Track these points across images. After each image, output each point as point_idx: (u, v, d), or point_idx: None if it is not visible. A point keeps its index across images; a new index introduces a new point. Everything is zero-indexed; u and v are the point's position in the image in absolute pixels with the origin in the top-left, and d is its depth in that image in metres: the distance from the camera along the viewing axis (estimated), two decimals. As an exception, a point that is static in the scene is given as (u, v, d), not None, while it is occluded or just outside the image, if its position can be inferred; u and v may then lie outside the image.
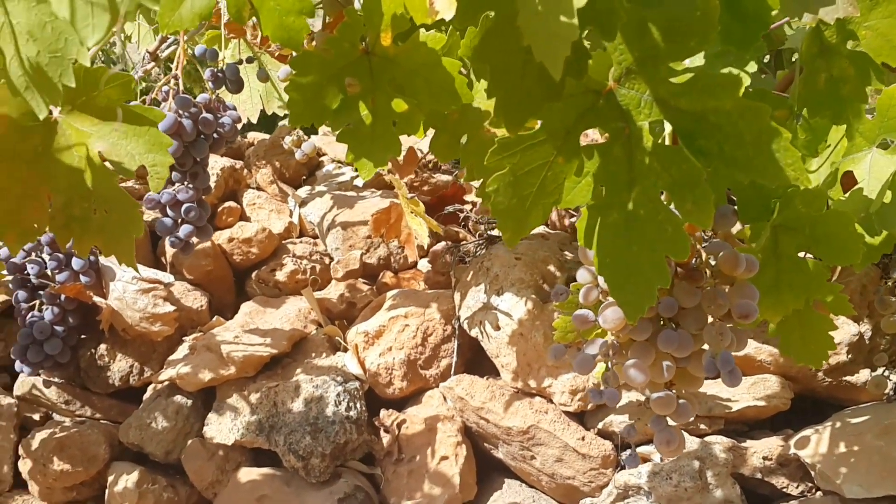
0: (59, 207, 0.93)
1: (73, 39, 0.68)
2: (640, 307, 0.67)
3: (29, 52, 0.70)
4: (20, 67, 0.72)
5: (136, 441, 1.34)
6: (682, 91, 0.63)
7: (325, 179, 1.86)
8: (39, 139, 0.91)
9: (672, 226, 0.65)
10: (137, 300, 1.37)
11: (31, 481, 1.34)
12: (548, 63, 0.53)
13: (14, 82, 0.74)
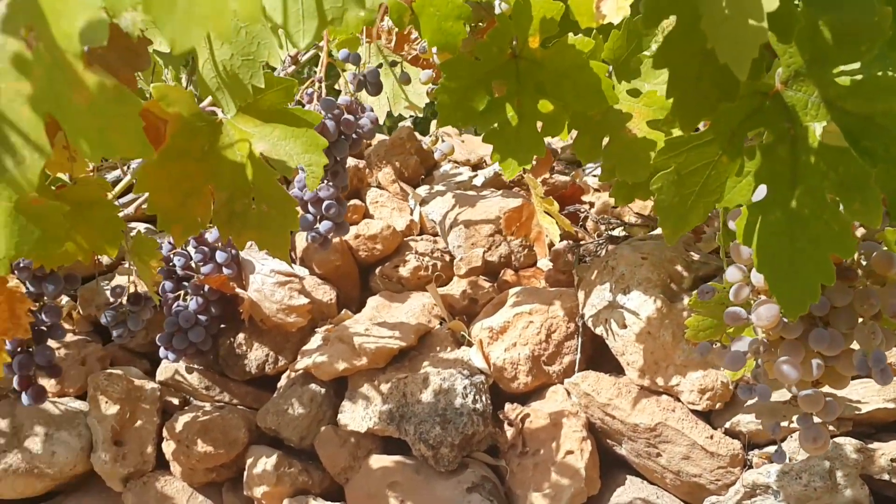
0: (223, 203, 1.00)
1: (265, 43, 0.73)
2: (802, 304, 0.69)
3: (223, 55, 0.76)
4: (213, 69, 0.78)
5: (273, 426, 1.41)
6: (850, 93, 0.65)
7: (443, 179, 1.91)
8: (206, 138, 0.97)
9: (838, 224, 0.66)
10: (275, 292, 1.44)
11: (174, 462, 1.43)
12: (734, 65, 0.55)
13: (207, 83, 0.80)
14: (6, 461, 1.39)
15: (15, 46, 0.52)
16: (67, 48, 0.51)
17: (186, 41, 0.36)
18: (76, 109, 0.52)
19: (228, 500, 1.44)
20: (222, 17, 0.34)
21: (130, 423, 1.44)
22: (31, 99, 0.53)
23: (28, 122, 0.53)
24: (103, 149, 0.52)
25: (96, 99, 0.51)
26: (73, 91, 0.52)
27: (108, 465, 1.40)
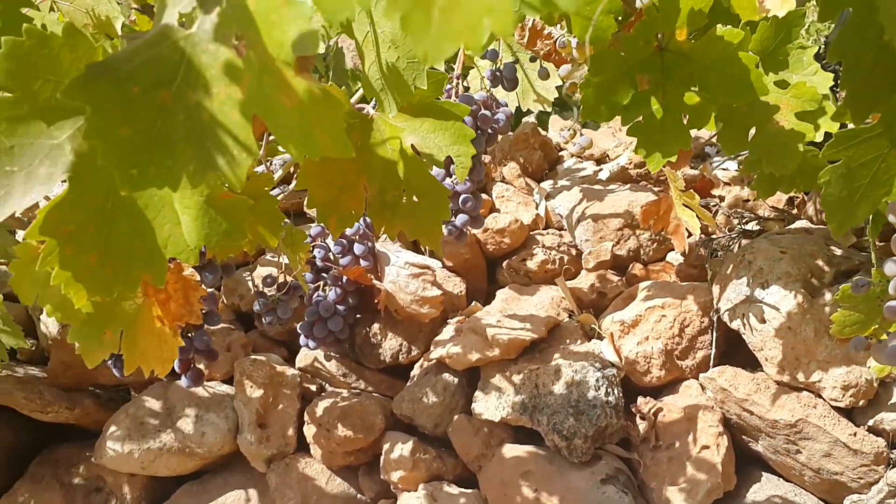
0: (375, 195, 1.04)
1: (432, 47, 0.76)
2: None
3: (389, 57, 0.79)
4: (378, 71, 0.82)
5: (408, 413, 1.45)
6: None
7: (567, 174, 1.92)
8: (358, 134, 1.02)
9: None
10: (409, 284, 1.48)
11: (314, 445, 1.49)
12: (916, 58, 0.55)
13: (371, 84, 0.84)
14: (161, 440, 1.49)
15: (226, 54, 0.57)
16: (278, 55, 0.55)
17: (439, 56, 0.39)
18: (284, 112, 0.56)
19: (364, 483, 1.50)
20: (476, 33, 0.37)
21: (273, 407, 1.51)
22: (241, 103, 0.57)
23: (237, 125, 0.58)
24: (308, 149, 0.56)
25: (304, 102, 0.55)
26: (282, 95, 0.56)
27: (254, 447, 1.48)
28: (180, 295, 0.95)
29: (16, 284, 0.83)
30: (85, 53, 0.69)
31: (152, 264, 0.75)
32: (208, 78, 0.57)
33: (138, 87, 0.57)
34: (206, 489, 1.57)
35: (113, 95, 0.57)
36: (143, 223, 0.74)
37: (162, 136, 0.59)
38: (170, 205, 0.74)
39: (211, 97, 0.58)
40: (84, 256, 0.73)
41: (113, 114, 0.57)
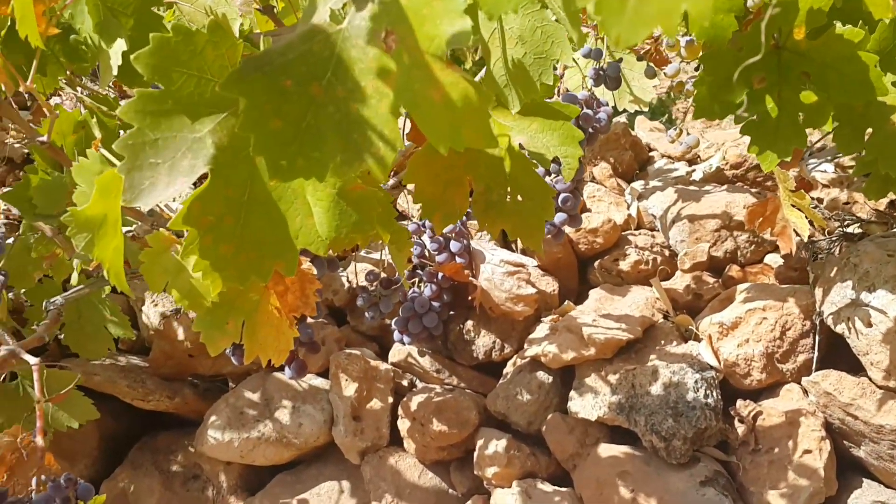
0: (480, 192, 1.05)
1: (559, 42, 0.77)
2: None
3: (516, 53, 0.80)
4: (504, 67, 0.83)
5: (502, 410, 1.46)
6: None
7: (658, 174, 1.90)
8: (468, 132, 1.02)
9: None
10: (504, 281, 1.49)
11: (408, 439, 1.51)
12: None
13: (496, 80, 0.85)
14: (259, 430, 1.52)
15: (376, 49, 0.58)
16: (428, 49, 0.56)
17: (633, 39, 0.39)
18: (432, 106, 0.58)
19: (456, 478, 1.51)
20: (671, 16, 0.38)
21: (367, 401, 1.54)
22: (389, 97, 0.59)
23: (384, 118, 0.59)
24: (455, 142, 0.58)
25: (452, 96, 0.57)
26: (431, 89, 0.57)
27: (348, 439, 1.50)
28: (297, 287, 0.98)
29: (146, 272, 0.86)
30: (227, 50, 0.72)
31: (284, 254, 0.78)
32: (357, 72, 0.59)
33: (291, 80, 0.59)
34: (300, 479, 1.60)
35: (267, 89, 0.59)
36: (276, 215, 0.77)
37: (311, 128, 0.61)
38: (302, 197, 0.76)
39: (359, 91, 0.59)
40: (221, 246, 0.75)
41: (266, 107, 0.60)
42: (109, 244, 0.84)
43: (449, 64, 0.56)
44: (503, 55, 0.82)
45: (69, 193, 1.21)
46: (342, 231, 0.77)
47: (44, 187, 1.18)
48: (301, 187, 0.76)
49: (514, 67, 0.83)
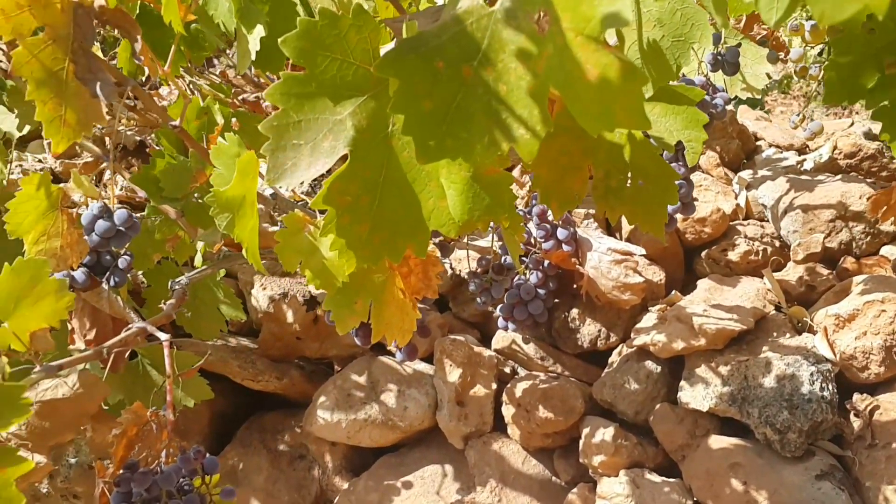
0: (600, 178, 1.04)
1: (699, 24, 0.77)
2: None
3: (654, 35, 0.80)
4: (639, 50, 0.83)
5: (608, 399, 1.46)
6: None
7: (767, 164, 1.86)
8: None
9: None
10: (611, 270, 1.48)
11: (512, 425, 1.52)
12: None
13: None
14: (366, 412, 1.55)
15: (527, 30, 0.59)
16: (583, 30, 0.57)
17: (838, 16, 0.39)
18: (584, 87, 0.58)
19: (560, 466, 1.51)
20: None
21: (470, 386, 1.55)
22: (538, 78, 0.59)
23: (532, 100, 0.60)
24: (607, 123, 0.58)
25: (605, 76, 0.57)
26: (584, 70, 0.58)
27: (453, 423, 1.52)
28: (420, 270, 0.99)
29: (281, 252, 0.89)
30: (370, 34, 0.73)
31: (417, 235, 0.79)
32: (507, 54, 0.60)
33: (443, 62, 0.60)
34: (403, 462, 1.62)
35: (420, 70, 0.61)
36: (410, 196, 0.78)
37: (461, 109, 0.62)
38: (436, 179, 0.77)
39: (508, 72, 0.60)
40: (357, 226, 0.77)
41: (419, 88, 0.61)
42: (247, 224, 0.87)
43: (604, 45, 0.56)
44: (639, 38, 0.82)
45: (193, 178, 1.25)
46: (475, 214, 0.78)
47: (170, 171, 1.22)
48: (435, 170, 0.78)
49: (649, 51, 0.82)
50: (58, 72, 0.90)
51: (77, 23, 0.90)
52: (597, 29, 0.56)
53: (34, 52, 0.89)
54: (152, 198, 1.20)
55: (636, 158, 1.01)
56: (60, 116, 0.91)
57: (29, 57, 0.89)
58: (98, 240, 1.08)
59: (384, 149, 0.76)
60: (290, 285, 1.76)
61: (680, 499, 1.34)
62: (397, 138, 0.76)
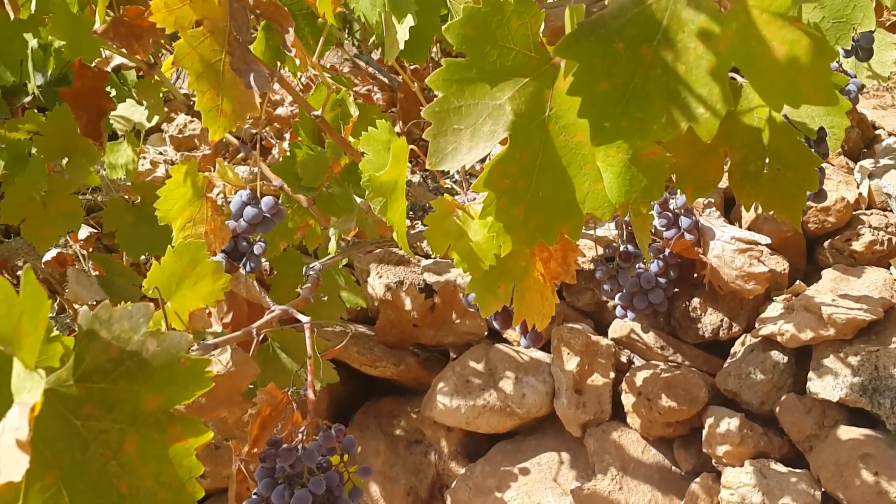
0: (737, 164, 1.03)
1: (862, 6, 0.76)
2: None
3: (812, 17, 0.79)
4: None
5: (733, 389, 1.44)
6: None
7: (887, 153, 1.81)
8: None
9: None
10: (735, 259, 1.46)
11: (632, 414, 1.51)
12: None
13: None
14: (484, 398, 1.57)
15: (708, 9, 0.59)
16: (770, 7, 0.57)
17: None
18: (769, 64, 0.58)
19: (680, 455, 1.50)
20: None
21: (588, 375, 1.56)
22: (719, 57, 0.60)
23: (711, 79, 0.60)
24: (791, 99, 0.58)
25: (793, 53, 0.57)
26: (769, 47, 0.58)
27: (571, 411, 1.53)
28: (560, 255, 1.00)
29: (430, 236, 0.91)
30: (531, 20, 0.75)
31: (571, 218, 0.81)
32: (687, 34, 0.60)
33: (623, 43, 0.61)
34: (519, 449, 1.64)
35: (599, 51, 0.62)
36: (565, 180, 0.79)
37: (637, 90, 0.62)
38: (591, 162, 0.78)
39: (688, 52, 0.61)
40: (514, 209, 0.79)
41: (597, 69, 0.62)
42: (398, 208, 0.90)
43: (793, 20, 0.56)
44: (797, 19, 0.81)
45: (329, 167, 1.29)
46: (631, 196, 0.79)
47: (308, 161, 1.26)
48: (592, 153, 0.78)
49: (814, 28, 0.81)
50: (215, 63, 0.95)
51: (233, 16, 0.94)
52: (785, 5, 0.56)
53: (194, 44, 0.93)
54: (291, 187, 1.24)
55: (775, 143, 1.00)
56: (217, 106, 0.95)
57: (189, 49, 0.93)
58: (246, 226, 1.13)
59: (541, 133, 0.78)
60: (405, 273, 1.79)
61: (808, 489, 1.32)
62: (554, 122, 0.78)
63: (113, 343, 0.55)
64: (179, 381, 0.56)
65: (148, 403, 0.56)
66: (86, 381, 0.55)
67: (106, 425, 0.55)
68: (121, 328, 0.55)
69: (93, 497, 0.55)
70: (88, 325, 0.54)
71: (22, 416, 0.47)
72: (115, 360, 0.55)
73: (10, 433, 0.47)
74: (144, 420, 0.56)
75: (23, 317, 0.51)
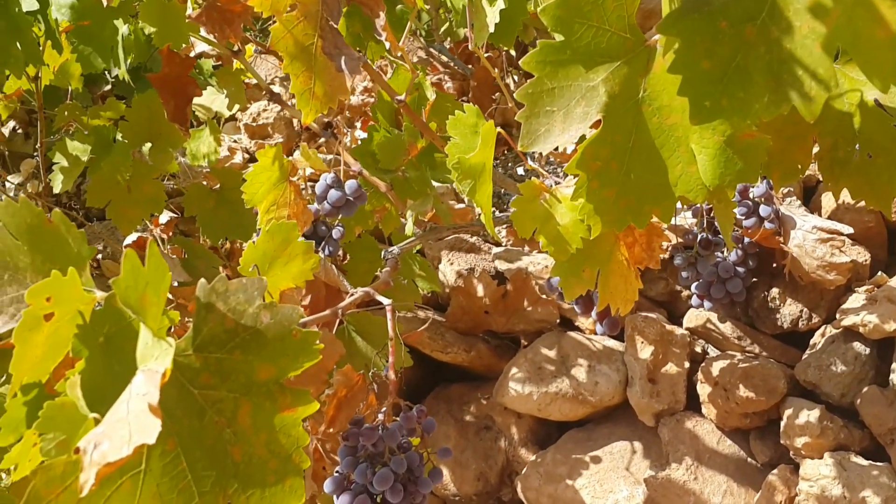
0: (826, 149, 1.02)
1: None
2: None
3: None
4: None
5: (813, 380, 1.42)
6: None
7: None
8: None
9: None
10: (816, 249, 1.44)
11: (708, 404, 1.50)
12: None
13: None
14: (557, 385, 1.58)
15: (814, -11, 0.59)
16: (883, -16, 0.56)
17: None
18: (874, 44, 0.57)
19: (756, 447, 1.49)
20: None
21: (662, 364, 1.55)
22: (825, 37, 0.59)
23: (818, 59, 0.60)
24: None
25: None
26: (876, 27, 0.57)
27: (644, 400, 1.52)
28: (644, 240, 1.00)
29: (517, 219, 0.92)
30: (626, 1, 0.75)
31: (662, 201, 0.80)
32: (792, 12, 0.60)
33: (726, 21, 0.61)
34: (590, 437, 1.64)
35: (702, 29, 0.61)
36: (657, 162, 0.79)
37: (739, 69, 0.62)
38: (685, 145, 0.78)
39: (793, 31, 0.60)
40: (605, 190, 0.79)
41: (699, 48, 0.62)
42: (486, 191, 0.91)
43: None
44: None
45: (406, 150, 1.31)
46: (725, 179, 0.78)
47: (385, 143, 1.28)
48: (686, 135, 0.78)
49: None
50: (308, 47, 0.97)
51: (325, 0, 0.96)
52: (899, -17, 0.55)
53: (288, 27, 0.95)
54: (368, 169, 1.26)
55: (866, 129, 0.98)
56: (310, 89, 0.97)
57: (284, 32, 0.95)
58: (329, 208, 1.15)
59: (634, 114, 0.78)
60: (476, 261, 1.80)
61: (889, 482, 1.30)
62: (647, 104, 0.78)
63: (229, 315, 0.57)
64: (291, 353, 0.58)
65: (261, 373, 0.58)
66: (203, 351, 0.57)
67: (221, 394, 0.57)
68: (236, 300, 0.57)
69: (209, 463, 0.57)
70: (206, 298, 0.56)
71: (150, 382, 0.49)
72: (230, 331, 0.57)
73: (140, 399, 0.49)
74: (257, 390, 0.58)
75: (147, 288, 0.53)
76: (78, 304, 0.61)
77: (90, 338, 0.60)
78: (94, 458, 0.47)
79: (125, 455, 0.46)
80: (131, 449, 0.46)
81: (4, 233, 0.66)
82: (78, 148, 1.49)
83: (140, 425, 0.47)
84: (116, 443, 0.47)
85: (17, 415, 0.66)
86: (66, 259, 0.66)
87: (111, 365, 0.59)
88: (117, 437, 0.47)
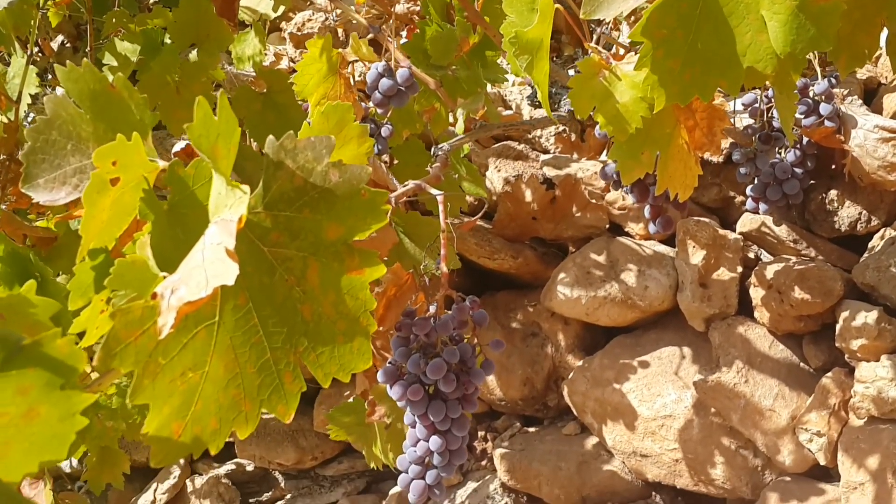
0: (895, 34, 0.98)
1: None
2: None
3: None
4: None
5: (870, 282, 1.39)
6: None
7: None
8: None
9: None
10: (878, 148, 1.40)
11: (761, 308, 1.48)
12: None
13: None
14: (605, 290, 1.57)
15: None
16: None
17: None
18: None
19: (809, 351, 1.47)
20: None
21: (714, 269, 1.53)
22: None
23: None
24: None
25: None
26: None
27: (695, 305, 1.51)
28: (705, 124, 0.97)
29: (574, 97, 0.89)
30: None
31: (729, 72, 0.78)
32: None
33: None
34: (638, 342, 1.63)
35: None
36: (725, 31, 0.76)
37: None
38: (755, 12, 0.75)
39: None
40: (670, 61, 0.76)
41: None
42: (543, 68, 0.88)
43: None
44: None
45: (458, 46, 1.28)
46: (797, 46, 0.75)
47: (437, 37, 1.25)
48: (756, 2, 0.75)
49: None
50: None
51: None
52: None
53: None
54: (419, 65, 1.24)
55: (942, 9, 0.94)
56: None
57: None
58: (380, 98, 1.13)
59: (704, -22, 0.75)
60: (524, 168, 1.78)
61: (948, 385, 1.28)
62: (717, -31, 0.74)
63: (297, 173, 0.56)
64: (359, 213, 0.57)
65: (329, 233, 0.57)
66: (272, 208, 0.56)
67: (290, 252, 0.57)
68: (305, 158, 0.56)
69: (279, 320, 0.57)
70: (275, 155, 0.56)
71: (225, 230, 0.49)
72: (299, 189, 0.56)
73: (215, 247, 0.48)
74: (325, 249, 0.57)
75: (219, 139, 0.52)
76: (142, 170, 0.61)
77: (155, 204, 0.60)
78: (171, 303, 0.47)
79: (204, 296, 0.46)
80: (210, 290, 0.46)
81: (67, 101, 0.66)
82: (128, 48, 1.49)
83: (217, 269, 0.47)
84: (193, 287, 0.47)
85: (85, 279, 0.67)
86: (130, 127, 0.66)
87: (176, 232, 0.59)
88: (194, 281, 0.47)
